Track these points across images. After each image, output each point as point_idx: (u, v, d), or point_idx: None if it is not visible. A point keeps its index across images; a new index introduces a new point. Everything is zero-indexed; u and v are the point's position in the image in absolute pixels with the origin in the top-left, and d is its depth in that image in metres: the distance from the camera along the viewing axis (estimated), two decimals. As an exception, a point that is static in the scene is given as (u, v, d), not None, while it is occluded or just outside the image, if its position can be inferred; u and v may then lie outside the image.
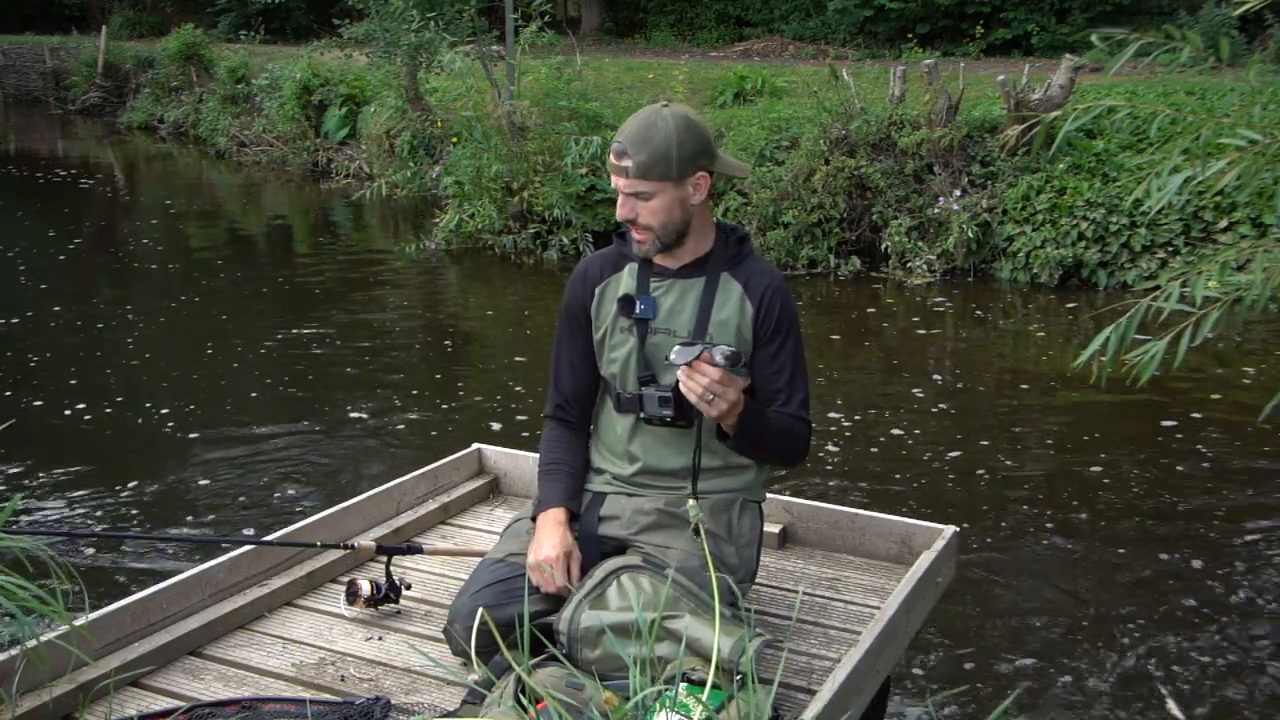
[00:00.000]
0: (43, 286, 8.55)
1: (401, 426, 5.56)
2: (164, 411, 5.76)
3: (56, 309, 7.83)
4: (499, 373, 6.60)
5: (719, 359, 2.14)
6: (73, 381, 6.20)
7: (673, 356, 2.17)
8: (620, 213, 2.32)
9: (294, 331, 7.38)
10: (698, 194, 2.32)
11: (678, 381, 2.28)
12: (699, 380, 2.14)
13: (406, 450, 5.17)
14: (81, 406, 5.79)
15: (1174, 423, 5.50)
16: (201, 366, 6.58)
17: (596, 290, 2.45)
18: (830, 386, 6.05)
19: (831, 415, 5.55)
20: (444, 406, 5.89)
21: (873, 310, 7.87)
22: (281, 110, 14.60)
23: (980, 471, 4.97)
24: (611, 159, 2.31)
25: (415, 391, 6.13)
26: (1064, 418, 5.65)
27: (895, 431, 5.42)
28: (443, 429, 5.48)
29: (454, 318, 8.13)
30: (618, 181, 2.30)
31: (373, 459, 5.12)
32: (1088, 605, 3.84)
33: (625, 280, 2.42)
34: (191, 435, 5.42)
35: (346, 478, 4.87)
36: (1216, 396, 5.88)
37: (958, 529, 2.76)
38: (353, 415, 5.69)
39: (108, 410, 5.77)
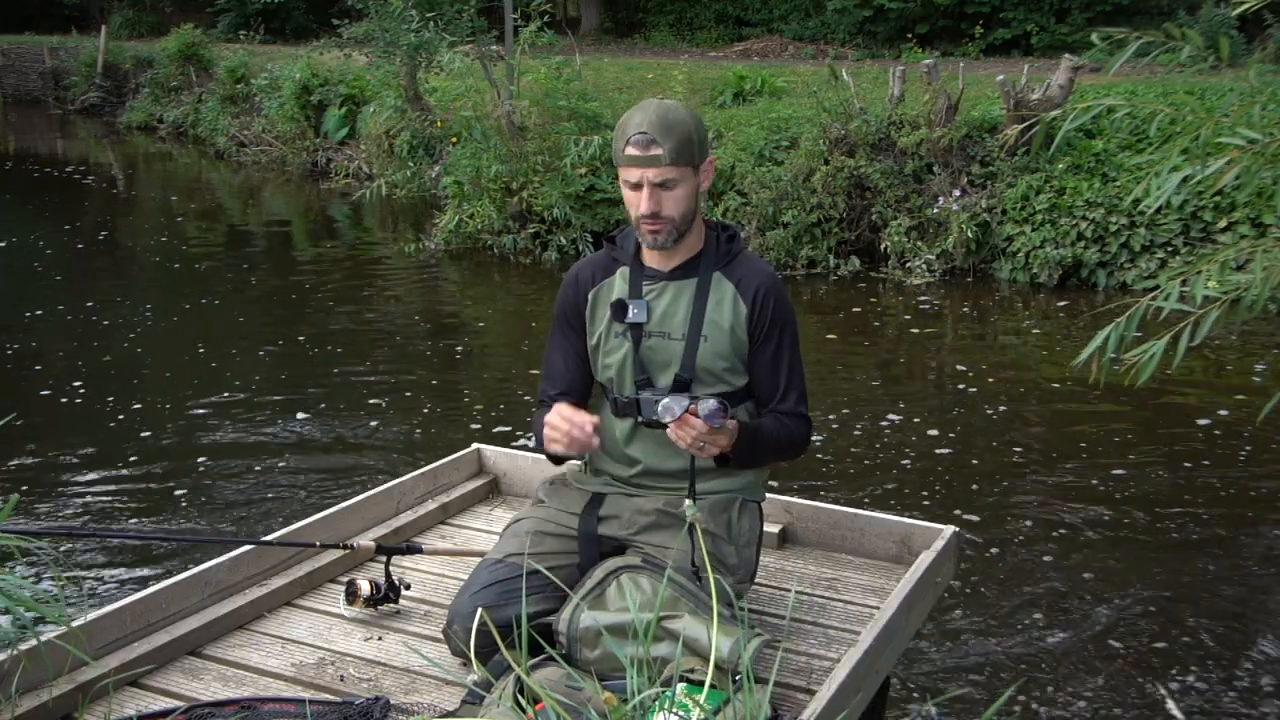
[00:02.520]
0: (54, 280, 8.55)
1: (401, 426, 5.55)
2: (164, 410, 5.75)
3: (58, 306, 7.83)
4: (498, 373, 6.60)
5: (703, 412, 2.15)
6: (74, 379, 6.20)
7: (659, 412, 2.19)
8: (645, 206, 2.26)
9: (293, 331, 7.38)
10: (706, 181, 2.35)
11: (675, 382, 2.31)
12: (688, 432, 2.17)
13: (406, 450, 5.17)
14: (82, 405, 5.79)
15: (1175, 422, 5.50)
16: (200, 366, 6.58)
17: (589, 295, 2.44)
18: (830, 386, 6.05)
19: (831, 415, 5.55)
20: (443, 406, 5.89)
21: (872, 310, 7.87)
22: (281, 110, 14.60)
23: (980, 471, 4.97)
24: (632, 150, 2.25)
25: (414, 391, 6.13)
26: (1063, 418, 5.65)
27: (895, 431, 5.42)
28: (442, 429, 5.48)
29: (453, 318, 8.13)
30: (646, 173, 2.24)
31: (372, 459, 5.12)
32: (1087, 605, 3.84)
33: (617, 284, 2.42)
34: (190, 434, 5.41)
35: (346, 477, 4.87)
36: (1221, 397, 5.88)
37: (957, 529, 2.76)
38: (352, 415, 5.69)
39: (108, 409, 5.76)
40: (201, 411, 5.74)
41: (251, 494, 4.75)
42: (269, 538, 2.66)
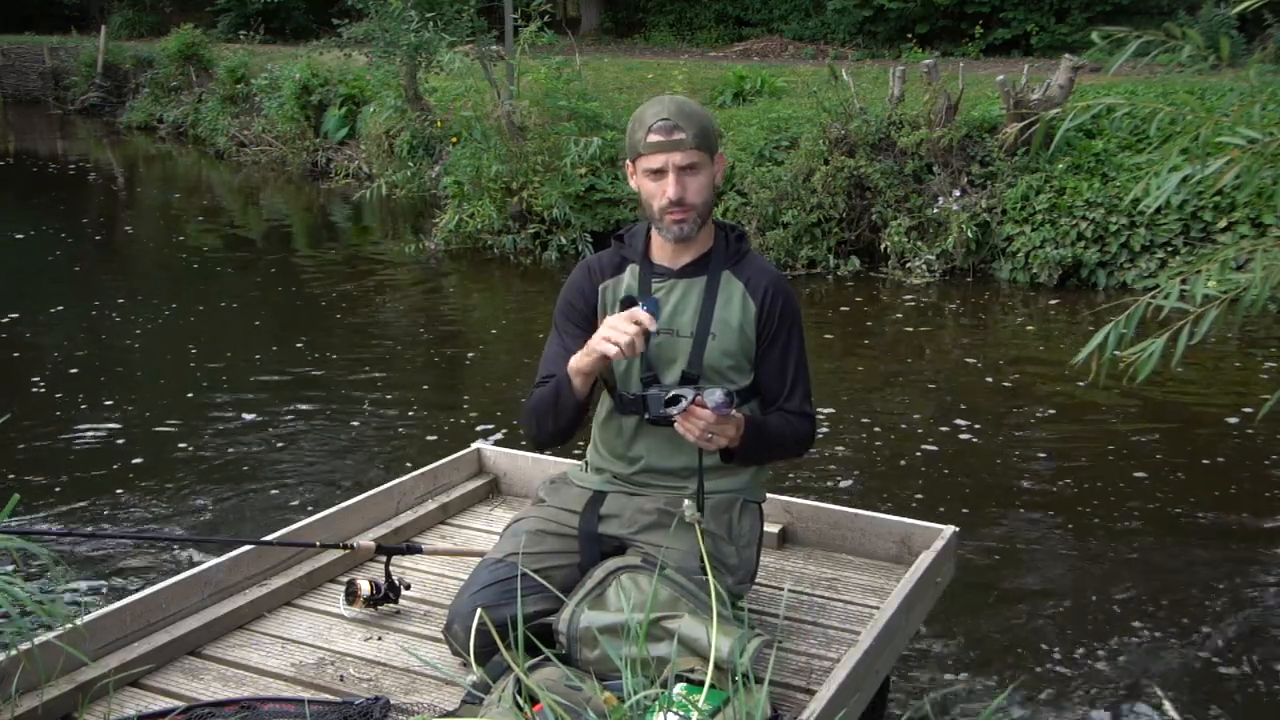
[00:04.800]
0: (53, 279, 8.55)
1: (401, 427, 5.55)
2: (163, 410, 5.75)
3: (59, 304, 7.83)
4: (498, 373, 6.60)
5: (710, 403, 2.15)
6: (75, 377, 6.20)
7: (666, 405, 2.19)
8: (672, 192, 2.27)
9: (292, 331, 7.38)
10: (719, 175, 2.38)
11: (682, 379, 2.32)
12: (695, 424, 2.18)
13: (406, 450, 5.17)
14: (82, 404, 5.79)
15: (1178, 423, 5.49)
16: (200, 365, 6.57)
17: (600, 289, 2.44)
18: (829, 386, 6.05)
19: (831, 415, 5.55)
20: (443, 406, 5.88)
21: (872, 310, 7.87)
22: (281, 110, 14.59)
23: (980, 471, 4.96)
24: (656, 136, 2.26)
25: (414, 391, 6.13)
26: (1063, 417, 5.65)
27: (894, 431, 5.42)
28: (442, 429, 5.48)
29: (453, 318, 8.13)
30: (671, 157, 2.26)
31: (373, 459, 5.12)
32: (1086, 605, 3.83)
33: (627, 282, 2.42)
34: (190, 433, 5.41)
35: (346, 478, 4.87)
36: (1226, 397, 5.88)
37: (957, 529, 2.76)
38: (352, 415, 5.69)
39: (108, 408, 5.76)
40: (201, 411, 5.74)
41: (251, 494, 4.75)
42: (269, 538, 2.66)
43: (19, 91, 23.10)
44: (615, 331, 2.17)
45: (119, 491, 4.77)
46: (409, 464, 4.34)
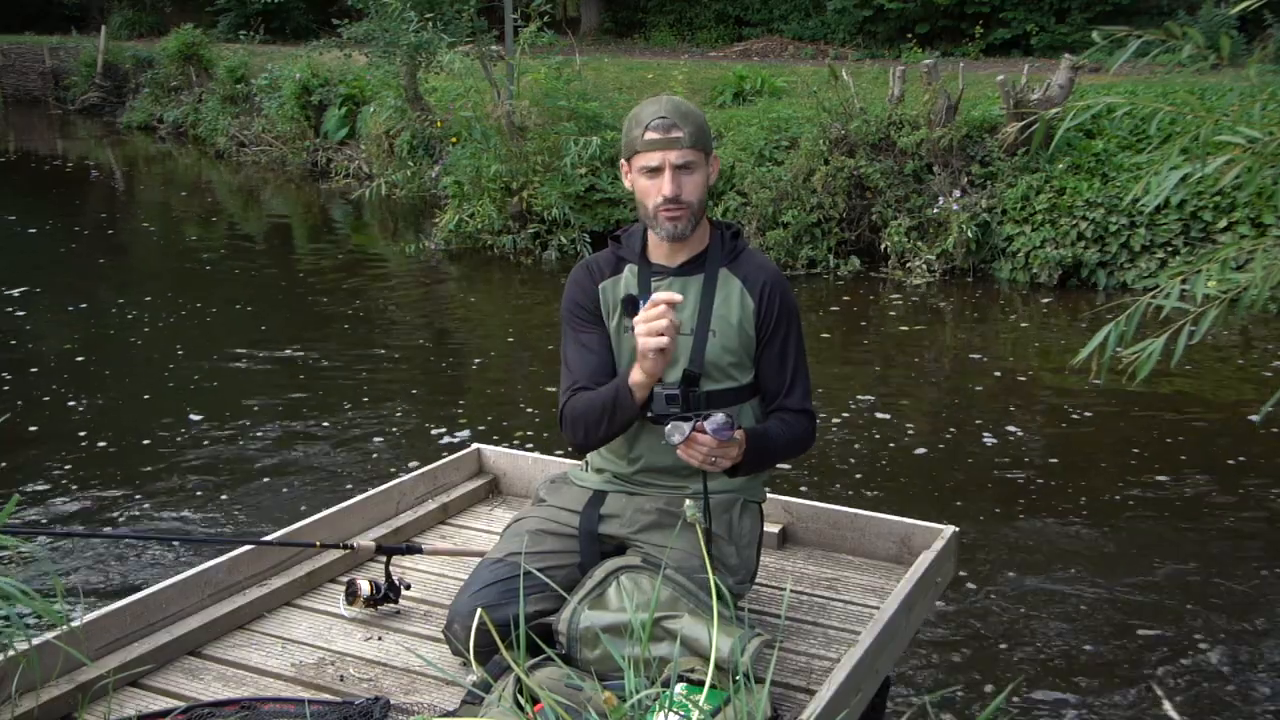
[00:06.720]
0: (51, 279, 8.55)
1: (401, 426, 5.55)
2: (164, 410, 5.75)
3: (60, 306, 7.83)
4: (498, 372, 6.60)
5: (710, 428, 2.15)
6: (73, 378, 6.20)
7: (666, 435, 2.18)
8: (668, 189, 2.27)
9: (292, 331, 7.38)
10: (713, 175, 2.39)
11: (684, 376, 2.31)
12: (698, 450, 2.17)
13: (406, 450, 5.17)
14: (82, 404, 5.79)
15: (1176, 423, 5.49)
16: (201, 366, 6.57)
17: (600, 287, 2.44)
18: (830, 386, 6.05)
19: (831, 415, 5.55)
20: (443, 406, 5.88)
21: (872, 310, 7.87)
22: (281, 110, 14.59)
23: (980, 471, 4.96)
24: (653, 134, 2.27)
25: (415, 391, 6.13)
26: (1063, 417, 5.65)
27: (894, 431, 5.42)
28: (442, 429, 5.48)
29: (453, 318, 8.13)
30: (668, 155, 2.27)
31: (373, 459, 5.12)
32: (1086, 605, 3.84)
33: (626, 280, 2.42)
34: (190, 434, 5.41)
35: (346, 478, 4.87)
36: (1224, 397, 5.87)
37: (957, 529, 2.76)
38: (352, 415, 5.69)
39: (107, 409, 5.76)
40: (200, 410, 5.74)
41: (251, 494, 4.75)
42: (269, 538, 2.66)
43: (19, 91, 23.07)
44: (651, 324, 2.15)
45: (118, 491, 4.77)
46: (409, 464, 4.35)
